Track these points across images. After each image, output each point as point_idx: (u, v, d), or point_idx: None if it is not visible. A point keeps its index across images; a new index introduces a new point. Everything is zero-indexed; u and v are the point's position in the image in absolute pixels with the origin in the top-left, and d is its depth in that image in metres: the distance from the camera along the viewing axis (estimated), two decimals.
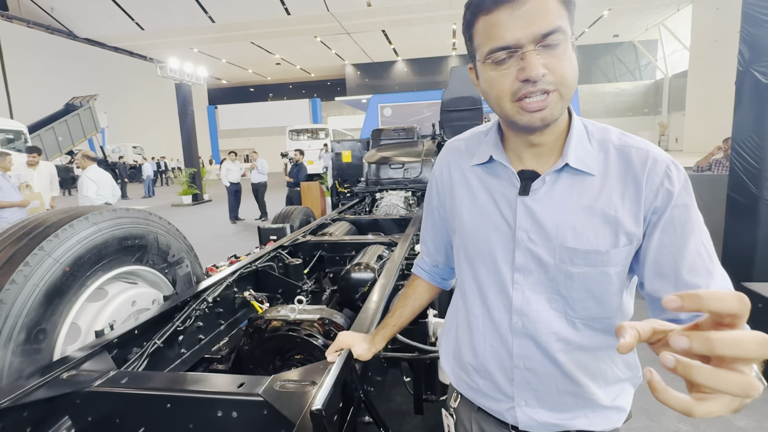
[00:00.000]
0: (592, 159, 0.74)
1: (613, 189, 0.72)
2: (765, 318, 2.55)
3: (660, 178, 0.70)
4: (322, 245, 2.75)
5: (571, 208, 0.74)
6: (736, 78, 3.14)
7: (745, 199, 3.09)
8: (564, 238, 0.74)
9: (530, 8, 0.64)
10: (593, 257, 0.73)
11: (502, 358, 0.82)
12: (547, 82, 0.66)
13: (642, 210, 0.71)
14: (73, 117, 21.51)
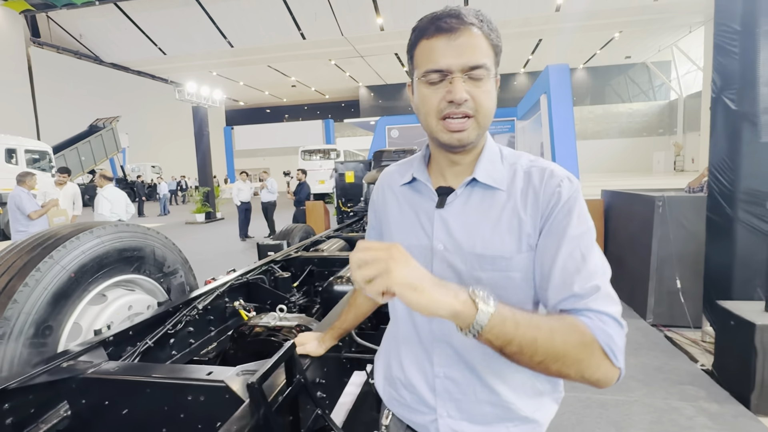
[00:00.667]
0: (501, 176, 0.83)
1: (517, 201, 0.80)
2: (736, 334, 2.63)
3: (552, 189, 0.78)
4: (312, 260, 2.93)
5: (481, 219, 0.81)
6: (711, 104, 3.28)
7: (721, 219, 3.19)
8: (474, 245, 0.80)
9: (463, 42, 0.75)
10: (499, 262, 0.79)
11: (424, 367, 0.87)
12: (468, 107, 0.76)
13: (539, 218, 0.78)
14: (96, 138, 22.41)
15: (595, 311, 0.69)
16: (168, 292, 1.98)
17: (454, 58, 0.75)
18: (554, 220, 0.77)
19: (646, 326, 3.81)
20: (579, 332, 0.67)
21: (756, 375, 2.50)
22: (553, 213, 0.77)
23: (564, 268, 0.73)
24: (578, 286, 0.71)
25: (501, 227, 0.80)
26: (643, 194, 4.09)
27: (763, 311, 2.65)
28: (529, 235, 0.78)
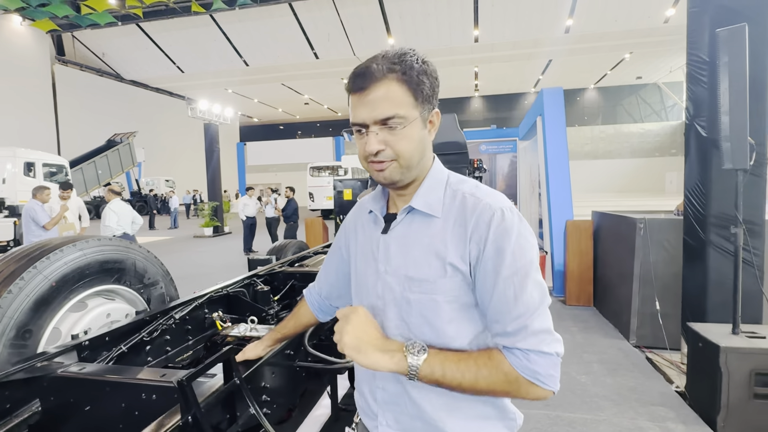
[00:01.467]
0: (437, 204, 0.87)
1: (447, 229, 0.84)
2: (704, 356, 2.68)
3: (484, 223, 0.81)
4: (294, 275, 3.07)
5: (415, 244, 0.87)
6: (684, 131, 3.37)
7: (695, 243, 3.25)
8: (407, 268, 0.86)
9: (374, 97, 0.81)
10: (425, 285, 0.84)
11: (369, 378, 0.95)
12: (384, 156, 0.83)
13: (467, 248, 0.81)
14: (113, 152, 23.07)
15: (522, 350, 0.77)
16: (148, 302, 2.13)
17: (367, 113, 0.82)
18: (485, 259, 0.80)
19: (628, 347, 3.84)
20: (503, 372, 0.78)
21: (722, 397, 2.54)
22: (485, 250, 0.80)
23: (496, 308, 0.80)
24: (508, 325, 0.79)
25: (430, 251, 0.85)
26: (627, 216, 4.16)
27: (729, 334, 2.69)
28: (453, 262, 0.82)
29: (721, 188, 3.00)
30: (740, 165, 2.60)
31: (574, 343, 3.97)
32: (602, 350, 3.79)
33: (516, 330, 0.78)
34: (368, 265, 0.95)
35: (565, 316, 4.79)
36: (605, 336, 4.14)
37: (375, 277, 0.92)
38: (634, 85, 34.47)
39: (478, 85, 34.93)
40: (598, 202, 22.96)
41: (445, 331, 0.84)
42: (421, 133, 0.86)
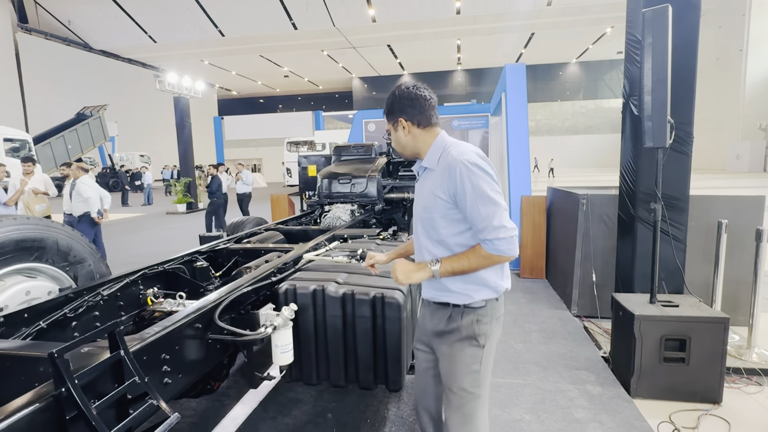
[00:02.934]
0: (434, 162, 1.53)
1: (439, 176, 1.49)
2: (623, 324, 2.85)
3: (455, 171, 1.43)
4: (238, 251, 3.13)
5: (426, 186, 1.55)
6: (622, 109, 3.47)
7: (627, 217, 3.40)
8: (422, 200, 1.57)
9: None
10: (428, 210, 1.53)
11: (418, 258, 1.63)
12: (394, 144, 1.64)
13: (448, 186, 1.45)
14: (83, 126, 22.31)
15: (488, 240, 1.39)
16: (75, 280, 2.17)
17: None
18: (459, 192, 1.43)
19: (568, 317, 4.04)
20: (482, 255, 1.42)
21: (635, 361, 2.72)
22: (457, 186, 1.43)
23: (471, 218, 1.43)
24: (479, 226, 1.41)
25: (429, 190, 1.52)
26: (572, 192, 4.29)
27: (647, 303, 2.87)
28: (439, 195, 1.48)
29: (649, 165, 3.12)
30: (659, 143, 2.71)
31: (518, 313, 4.15)
32: (543, 320, 3.97)
33: (483, 228, 1.40)
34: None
35: (516, 288, 4.97)
36: (549, 307, 4.33)
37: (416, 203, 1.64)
38: (615, 59, 34.47)
39: (461, 58, 34.53)
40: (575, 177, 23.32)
41: (441, 233, 1.52)
42: (397, 135, 1.61)
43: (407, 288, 2.13)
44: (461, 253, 1.46)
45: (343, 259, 2.56)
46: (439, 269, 1.44)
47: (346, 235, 3.39)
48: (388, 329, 1.96)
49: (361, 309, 1.98)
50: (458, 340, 1.52)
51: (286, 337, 1.87)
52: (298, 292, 2.04)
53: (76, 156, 22.13)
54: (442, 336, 1.57)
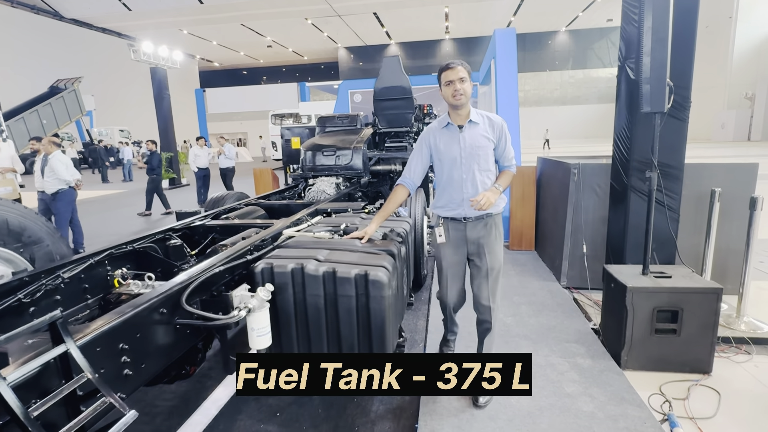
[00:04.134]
0: (478, 119, 2.31)
1: (486, 127, 2.31)
2: (615, 296, 2.79)
3: (498, 125, 2.33)
4: (215, 228, 2.97)
5: (475, 134, 2.28)
6: (617, 73, 3.31)
7: (619, 187, 3.30)
8: (473, 142, 2.27)
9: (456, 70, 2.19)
10: (481, 148, 2.28)
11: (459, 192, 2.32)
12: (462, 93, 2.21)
13: (495, 134, 2.31)
14: (58, 100, 21.39)
15: (511, 166, 2.39)
16: (32, 261, 2.00)
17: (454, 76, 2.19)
18: (500, 137, 2.32)
19: (557, 289, 3.99)
20: (511, 175, 2.37)
21: (626, 333, 2.67)
22: (500, 136, 2.32)
23: (505, 155, 2.37)
24: (506, 159, 2.37)
25: (482, 136, 2.27)
26: (563, 162, 4.17)
27: (639, 274, 2.80)
28: (490, 139, 2.29)
29: (645, 132, 3.00)
30: (657, 108, 2.57)
31: (508, 285, 4.09)
32: (533, 292, 3.92)
33: (510, 161, 2.38)
34: (452, 147, 2.30)
35: (505, 260, 4.85)
36: (539, 279, 4.27)
37: (459, 149, 2.28)
38: (605, 28, 33.92)
39: (449, 27, 33.65)
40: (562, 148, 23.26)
41: (489, 162, 2.31)
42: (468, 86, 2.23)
43: (392, 264, 2.01)
44: (502, 175, 2.34)
45: (325, 235, 2.43)
46: (500, 188, 2.26)
47: (329, 209, 3.25)
48: (372, 308, 1.85)
49: (343, 288, 1.86)
50: (496, 236, 2.37)
51: (263, 319, 1.75)
52: (276, 271, 1.91)
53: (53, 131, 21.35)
54: (486, 238, 2.34)
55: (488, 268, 2.35)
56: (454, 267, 2.43)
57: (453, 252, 2.39)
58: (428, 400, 2.40)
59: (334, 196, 4.06)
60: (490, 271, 2.35)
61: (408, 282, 2.79)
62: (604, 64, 35.98)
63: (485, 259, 2.34)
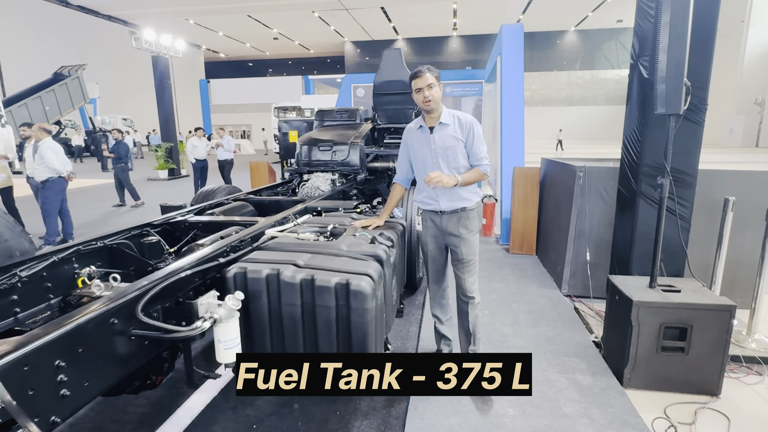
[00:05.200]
0: (448, 120, 2.40)
1: (456, 128, 2.39)
2: (619, 309, 2.62)
3: (469, 124, 2.40)
4: (197, 224, 2.81)
5: (444, 135, 2.39)
6: (629, 71, 3.13)
7: (627, 192, 3.12)
8: (443, 143, 2.39)
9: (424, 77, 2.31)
10: (450, 148, 2.39)
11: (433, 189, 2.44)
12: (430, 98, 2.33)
13: (464, 133, 2.39)
14: (61, 87, 21.26)
15: (480, 165, 2.42)
16: None
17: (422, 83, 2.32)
18: (468, 135, 2.39)
19: (558, 297, 3.81)
20: (480, 173, 2.44)
21: (630, 350, 2.50)
22: (469, 135, 2.39)
23: (473, 153, 2.41)
24: (476, 158, 2.41)
25: (450, 137, 2.38)
26: (568, 163, 3.98)
27: (646, 287, 2.62)
28: (459, 139, 2.38)
29: (657, 135, 2.82)
30: (673, 109, 2.39)
31: (506, 292, 3.92)
32: (532, 300, 3.75)
33: (480, 160, 2.42)
34: (424, 148, 2.45)
35: (505, 264, 4.73)
36: (539, 285, 4.10)
37: (429, 151, 2.43)
38: (615, 28, 33.49)
39: (457, 23, 33.29)
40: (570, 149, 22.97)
41: (459, 161, 2.40)
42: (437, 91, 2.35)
43: (378, 272, 1.84)
44: (470, 171, 2.42)
45: (310, 236, 2.26)
46: (460, 179, 2.34)
47: (319, 208, 3.08)
48: (353, 321, 1.69)
49: (322, 298, 1.69)
50: (470, 231, 2.48)
51: (231, 330, 1.58)
52: (249, 276, 1.74)
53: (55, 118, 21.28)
54: (459, 231, 2.47)
55: (463, 259, 2.51)
56: (434, 253, 2.63)
57: (432, 240, 2.61)
58: (414, 416, 2.24)
59: (327, 193, 3.89)
60: (466, 262, 2.52)
61: (399, 288, 2.63)
62: (613, 66, 35.54)
63: (460, 250, 2.50)
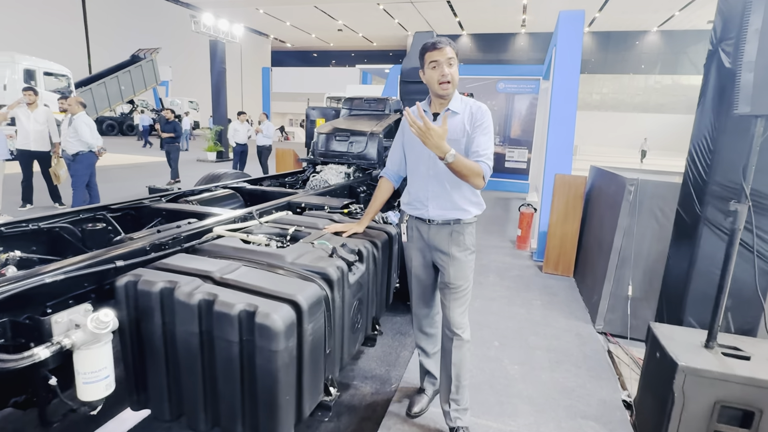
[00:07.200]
0: (459, 108, 1.90)
1: (465, 118, 1.89)
2: (660, 369, 1.98)
3: (478, 114, 1.88)
4: (161, 212, 2.49)
5: (450, 125, 1.86)
6: (705, 61, 2.43)
7: (688, 216, 2.42)
8: (447, 134, 1.71)
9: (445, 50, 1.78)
10: (455, 142, 1.86)
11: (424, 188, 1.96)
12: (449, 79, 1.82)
13: (471, 125, 1.88)
14: (136, 68, 22.64)
15: (482, 161, 1.83)
16: None
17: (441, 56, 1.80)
18: (476, 127, 1.87)
19: (590, 333, 3.16)
20: (477, 167, 1.79)
21: (669, 427, 1.87)
22: (476, 124, 1.88)
23: (474, 146, 1.86)
24: (477, 152, 1.85)
25: (457, 128, 1.89)
26: (617, 174, 3.29)
27: (700, 346, 1.97)
28: (466, 131, 1.88)
29: (735, 145, 2.12)
30: (761, 109, 1.72)
31: (526, 320, 3.32)
32: (556, 334, 3.12)
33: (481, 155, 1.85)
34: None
35: (534, 284, 4.09)
36: (569, 316, 3.44)
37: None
38: (705, 30, 30.27)
39: (526, 20, 31.69)
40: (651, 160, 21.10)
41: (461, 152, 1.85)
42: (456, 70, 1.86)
43: (313, 299, 1.39)
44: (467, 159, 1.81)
45: (262, 240, 1.85)
46: (455, 154, 1.69)
47: (303, 204, 2.67)
48: (258, 365, 1.25)
49: (221, 328, 1.27)
50: (463, 250, 1.96)
51: (93, 360, 1.21)
52: (139, 289, 1.35)
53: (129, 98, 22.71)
54: (449, 248, 1.96)
55: (450, 283, 1.96)
56: (419, 270, 2.10)
57: (417, 254, 2.08)
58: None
59: (329, 187, 3.46)
60: (454, 288, 1.96)
61: (376, 311, 2.16)
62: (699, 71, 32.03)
63: (448, 272, 1.97)
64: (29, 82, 11.36)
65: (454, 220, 1.94)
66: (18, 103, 6.11)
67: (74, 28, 24.40)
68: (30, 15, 21.43)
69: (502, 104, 9.67)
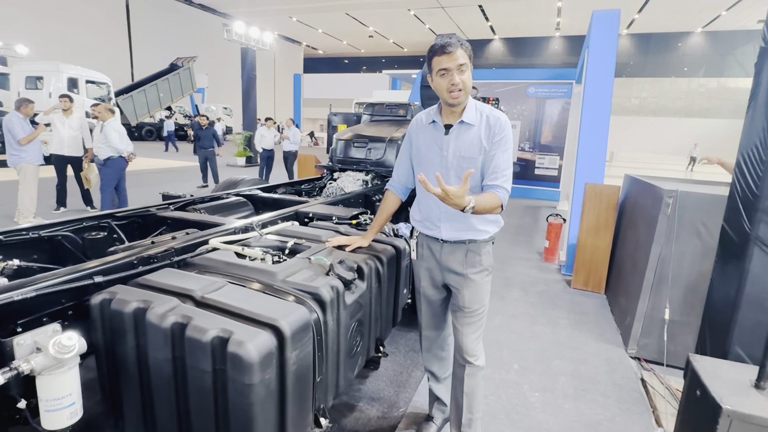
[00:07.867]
0: (474, 119, 1.71)
1: (481, 131, 1.70)
2: (701, 408, 1.74)
3: (497, 128, 1.69)
4: (165, 221, 2.43)
5: (465, 140, 1.72)
6: (757, 59, 2.17)
7: (736, 234, 2.15)
8: (461, 151, 1.72)
9: (455, 55, 1.57)
10: (470, 160, 1.71)
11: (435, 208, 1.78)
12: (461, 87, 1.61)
13: (490, 140, 1.70)
14: (174, 76, 23.45)
15: (499, 187, 1.65)
16: None
17: (451, 63, 1.58)
18: (494, 144, 1.69)
19: (621, 359, 2.89)
20: (496, 198, 1.62)
21: None
22: (495, 140, 1.69)
23: (492, 167, 1.68)
24: (495, 175, 1.67)
25: (473, 143, 1.71)
26: (654, 185, 3.02)
27: (749, 386, 1.71)
28: (484, 147, 1.70)
29: None
30: None
31: (551, 341, 3.08)
32: (583, 357, 2.87)
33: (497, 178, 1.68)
34: (432, 151, 1.78)
35: (561, 301, 3.83)
36: (598, 338, 3.18)
37: (438, 157, 1.76)
38: (754, 30, 28.65)
39: (560, 23, 30.92)
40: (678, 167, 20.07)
41: (478, 178, 1.73)
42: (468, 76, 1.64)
43: (300, 324, 1.26)
44: (485, 194, 1.63)
45: (258, 253, 1.75)
46: (473, 206, 1.50)
47: (311, 213, 2.56)
48: (231, 399, 1.13)
49: (193, 356, 1.15)
50: (479, 270, 1.80)
51: (57, 387, 1.11)
52: (113, 308, 1.26)
53: (167, 104, 23.55)
54: (464, 269, 1.79)
55: (465, 307, 1.81)
56: (429, 291, 1.94)
57: (426, 273, 1.93)
58: None
59: (339, 196, 3.35)
60: (469, 312, 1.81)
61: (380, 331, 2.01)
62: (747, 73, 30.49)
63: (462, 294, 1.81)
64: (72, 90, 11.91)
65: (469, 240, 1.77)
66: (53, 109, 6.33)
67: (118, 39, 25.60)
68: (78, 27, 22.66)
69: (533, 109, 9.34)
